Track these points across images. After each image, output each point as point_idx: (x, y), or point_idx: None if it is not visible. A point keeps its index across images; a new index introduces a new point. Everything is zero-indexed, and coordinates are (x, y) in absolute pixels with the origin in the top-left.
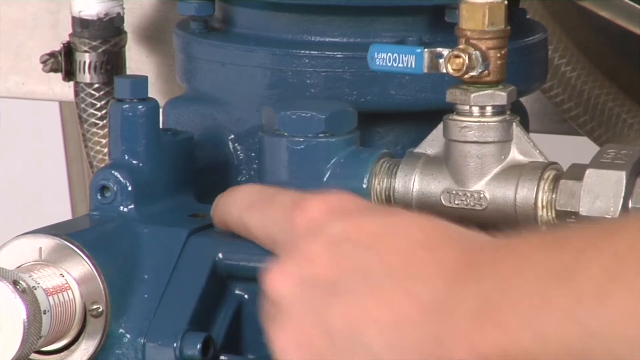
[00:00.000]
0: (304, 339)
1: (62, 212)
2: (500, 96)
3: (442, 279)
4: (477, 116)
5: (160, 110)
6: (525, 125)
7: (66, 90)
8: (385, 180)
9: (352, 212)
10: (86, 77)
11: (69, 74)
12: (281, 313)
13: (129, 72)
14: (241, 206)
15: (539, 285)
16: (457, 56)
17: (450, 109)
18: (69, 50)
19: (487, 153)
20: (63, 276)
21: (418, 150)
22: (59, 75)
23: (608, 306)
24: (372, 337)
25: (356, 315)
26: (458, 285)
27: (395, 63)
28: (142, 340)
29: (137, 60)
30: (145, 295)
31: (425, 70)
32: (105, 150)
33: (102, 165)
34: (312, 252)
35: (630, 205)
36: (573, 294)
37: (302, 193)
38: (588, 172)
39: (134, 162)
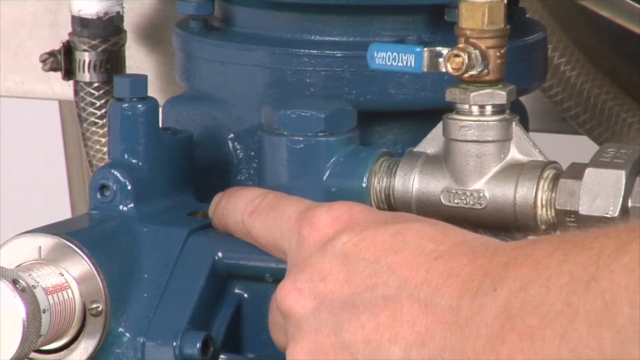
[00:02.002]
0: (321, 353)
1: (62, 211)
2: (500, 95)
3: (459, 290)
4: (477, 115)
5: (160, 109)
6: (524, 124)
7: (66, 89)
8: (385, 179)
9: (360, 224)
10: (86, 76)
11: (69, 73)
12: (295, 328)
13: (128, 71)
14: (243, 211)
15: (558, 290)
16: (457, 55)
17: (450, 108)
18: (68, 49)
19: (486, 152)
20: (62, 275)
21: (417, 149)
22: (59, 74)
23: (639, 305)
24: (395, 354)
25: (375, 331)
26: (477, 297)
27: (394, 62)
28: (141, 339)
29: (137, 59)
30: (145, 295)
31: (425, 70)
32: (105, 149)
33: (102, 164)
34: (323, 267)
35: (629, 204)
36: (599, 296)
37: (307, 202)
38: (587, 171)
39: (134, 161)
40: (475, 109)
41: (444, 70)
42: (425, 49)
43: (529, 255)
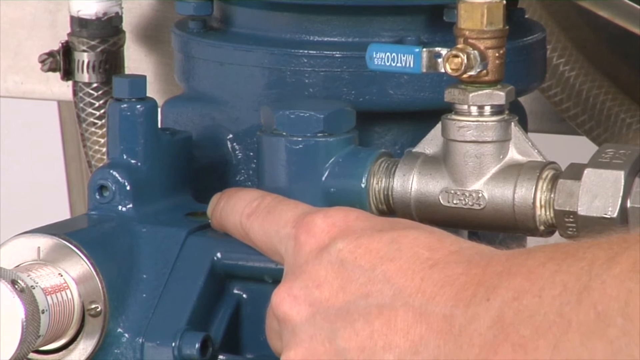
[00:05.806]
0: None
1: (61, 212)
2: (499, 96)
3: (453, 299)
4: (476, 116)
5: (159, 109)
6: (523, 125)
7: (65, 89)
8: (384, 179)
9: (356, 231)
10: (85, 76)
11: (68, 74)
12: (291, 334)
13: (127, 71)
14: (241, 213)
15: (551, 300)
16: (456, 56)
17: (449, 108)
18: (67, 50)
19: (485, 152)
20: (61, 275)
21: (416, 149)
22: (58, 75)
23: (630, 317)
24: None
25: (370, 339)
26: (470, 306)
27: (393, 62)
28: (140, 340)
29: (136, 59)
30: (144, 295)
31: (424, 70)
32: (104, 149)
33: (101, 164)
34: (319, 274)
35: (628, 204)
36: (592, 307)
37: (304, 206)
38: (586, 171)
39: (133, 161)
40: (474, 109)
41: (442, 70)
42: (424, 49)
43: (522, 265)
